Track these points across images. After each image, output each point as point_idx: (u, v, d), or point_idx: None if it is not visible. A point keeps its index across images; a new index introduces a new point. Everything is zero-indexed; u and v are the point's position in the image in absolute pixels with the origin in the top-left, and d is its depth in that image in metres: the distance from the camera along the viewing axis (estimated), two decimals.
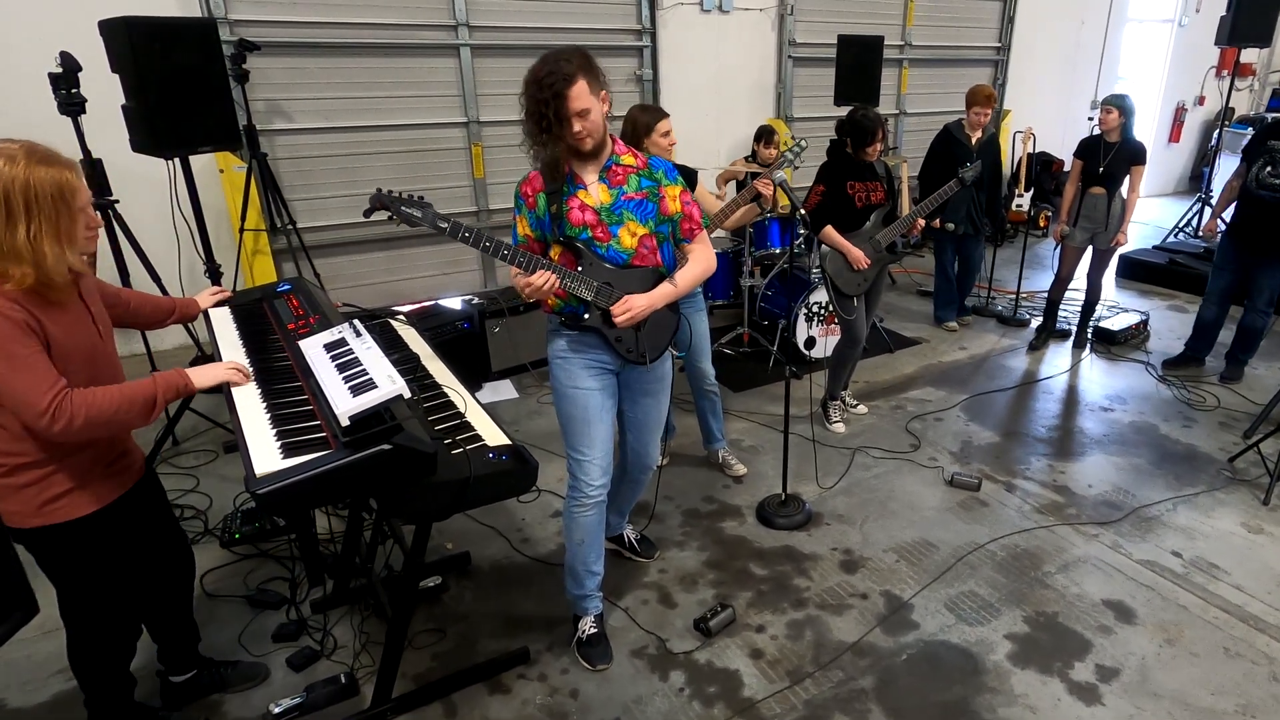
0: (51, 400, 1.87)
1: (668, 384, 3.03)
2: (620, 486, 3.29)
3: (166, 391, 2.12)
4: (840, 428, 4.78)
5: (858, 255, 4.31)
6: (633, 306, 2.61)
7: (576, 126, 2.44)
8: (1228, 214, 5.34)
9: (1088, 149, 5.47)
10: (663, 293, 2.71)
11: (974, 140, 5.88)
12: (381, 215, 2.41)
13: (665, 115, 3.67)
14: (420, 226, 2.41)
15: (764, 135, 6.37)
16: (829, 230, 4.33)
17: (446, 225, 2.42)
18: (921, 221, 4.56)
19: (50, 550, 2.17)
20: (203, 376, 2.26)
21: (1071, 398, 5.24)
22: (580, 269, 2.62)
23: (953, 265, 6.34)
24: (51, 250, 1.89)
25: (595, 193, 2.62)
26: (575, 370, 2.78)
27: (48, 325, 1.93)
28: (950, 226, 6.01)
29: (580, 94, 2.42)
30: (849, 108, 4.41)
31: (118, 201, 4.37)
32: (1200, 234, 7.74)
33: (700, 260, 2.83)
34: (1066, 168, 5.66)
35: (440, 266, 6.85)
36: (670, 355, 2.96)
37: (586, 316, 2.68)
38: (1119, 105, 5.28)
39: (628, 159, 2.67)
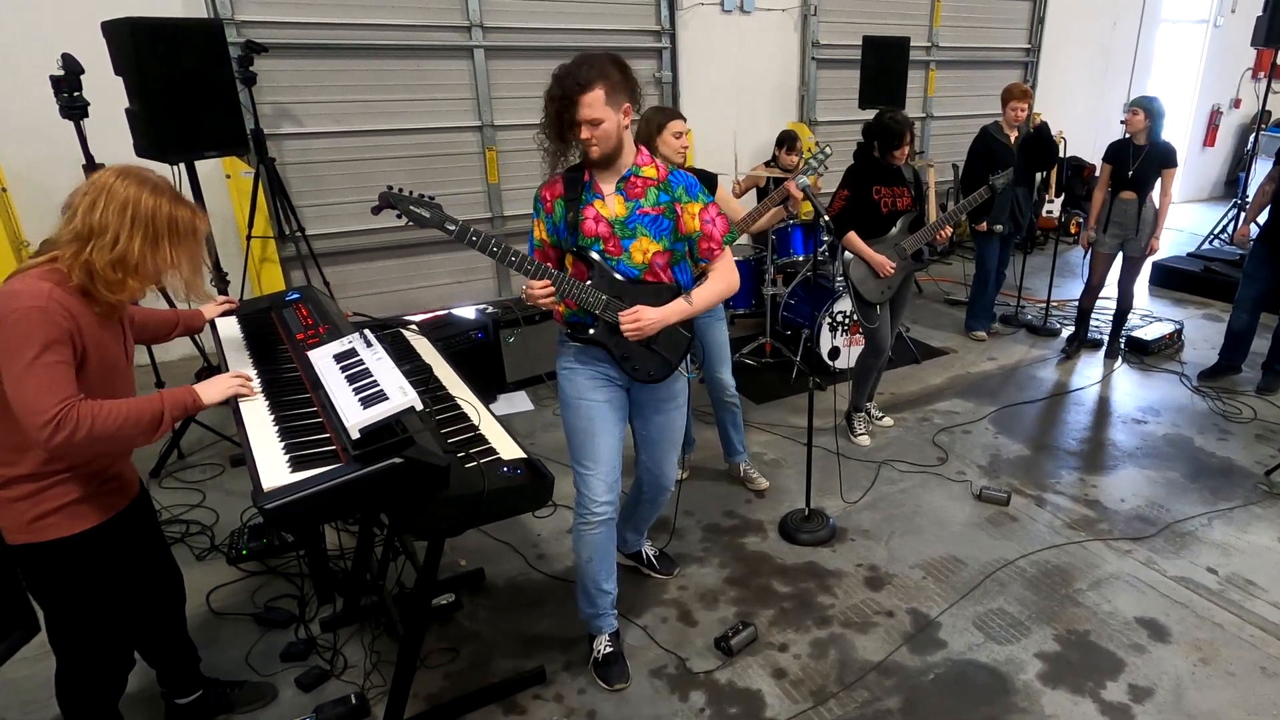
0: (58, 410, 1.84)
1: (682, 402, 2.96)
2: (637, 506, 3.25)
3: (174, 409, 2.08)
4: (865, 440, 4.71)
5: (881, 261, 4.23)
6: (641, 318, 2.54)
7: (584, 134, 2.43)
8: (1261, 219, 5.24)
9: (1117, 153, 5.40)
10: (676, 309, 2.63)
11: (1013, 139, 5.82)
12: (392, 217, 2.38)
13: (678, 116, 3.59)
14: (428, 227, 2.39)
15: (786, 140, 6.29)
16: (852, 236, 4.25)
17: (455, 227, 2.39)
18: (949, 229, 4.44)
19: (37, 569, 2.13)
20: (210, 392, 2.22)
21: (1103, 409, 5.16)
22: (590, 280, 2.57)
23: (995, 272, 6.24)
24: (191, 274, 2.13)
25: (611, 204, 2.57)
26: (581, 382, 2.73)
27: (88, 338, 1.97)
28: (999, 228, 5.93)
29: (592, 103, 2.39)
30: (874, 111, 4.33)
31: None
32: (1234, 240, 7.62)
33: (720, 279, 2.75)
34: (1098, 172, 5.57)
35: (453, 275, 6.79)
36: (682, 374, 2.88)
37: (593, 330, 2.63)
38: (1145, 107, 5.21)
39: (649, 170, 2.61)
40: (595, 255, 2.56)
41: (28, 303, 1.86)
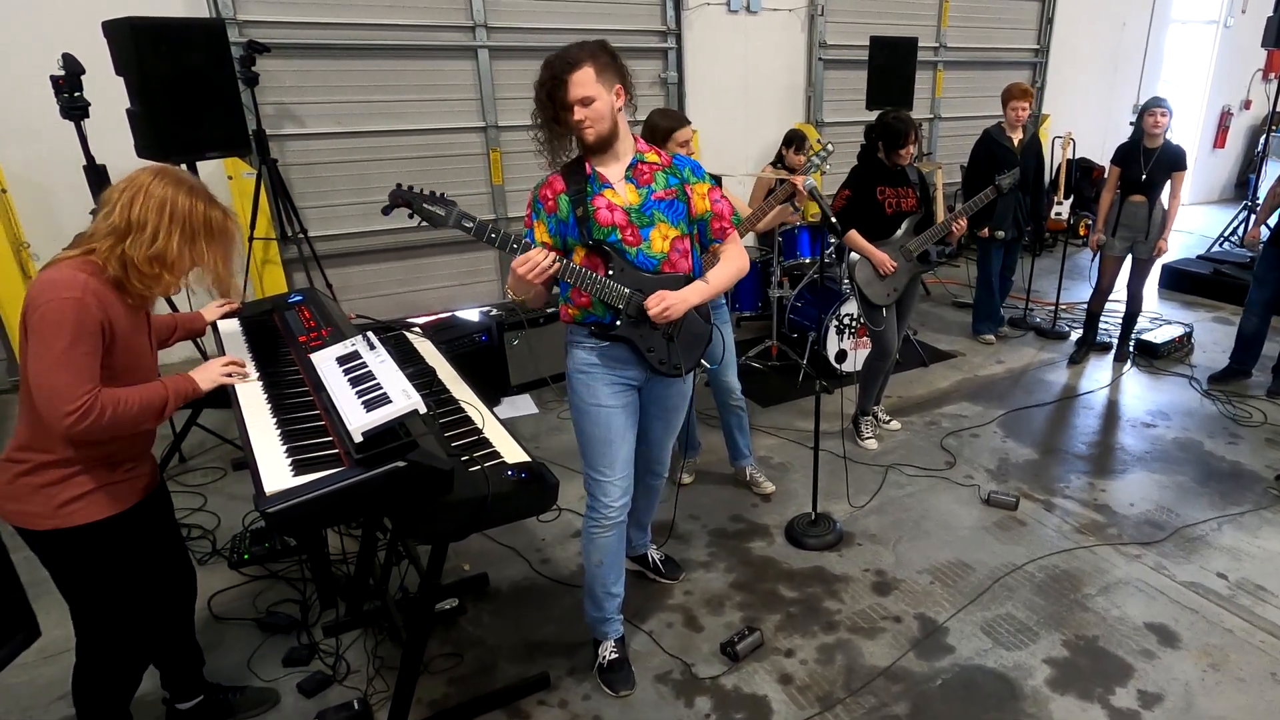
0: (84, 400, 1.92)
1: (689, 397, 2.96)
2: (636, 500, 3.18)
3: (177, 396, 2.18)
4: (872, 444, 4.67)
5: (882, 258, 4.20)
6: (667, 299, 2.49)
7: (578, 115, 2.39)
8: (1272, 221, 5.20)
9: (1126, 155, 5.37)
10: (696, 289, 2.59)
11: (1016, 142, 5.78)
12: (396, 218, 2.35)
13: (685, 124, 3.56)
14: (443, 227, 2.33)
15: (793, 141, 6.26)
16: (853, 234, 4.24)
17: (472, 225, 2.34)
18: (963, 220, 4.35)
19: (65, 556, 2.16)
20: (205, 378, 2.30)
21: (1112, 413, 5.12)
22: (610, 274, 2.51)
23: (998, 276, 6.21)
24: (224, 270, 2.22)
25: (623, 192, 2.53)
26: (598, 386, 2.68)
27: (118, 328, 2.05)
28: (1000, 234, 5.89)
29: (582, 80, 2.36)
30: (881, 111, 4.30)
31: None
32: (1244, 243, 7.58)
33: (733, 259, 2.74)
34: (1107, 174, 5.54)
35: (457, 277, 6.77)
36: (704, 364, 2.87)
37: (618, 324, 2.56)
38: (1169, 109, 5.17)
39: (651, 157, 2.59)
40: (611, 247, 2.51)
41: (64, 293, 1.93)
